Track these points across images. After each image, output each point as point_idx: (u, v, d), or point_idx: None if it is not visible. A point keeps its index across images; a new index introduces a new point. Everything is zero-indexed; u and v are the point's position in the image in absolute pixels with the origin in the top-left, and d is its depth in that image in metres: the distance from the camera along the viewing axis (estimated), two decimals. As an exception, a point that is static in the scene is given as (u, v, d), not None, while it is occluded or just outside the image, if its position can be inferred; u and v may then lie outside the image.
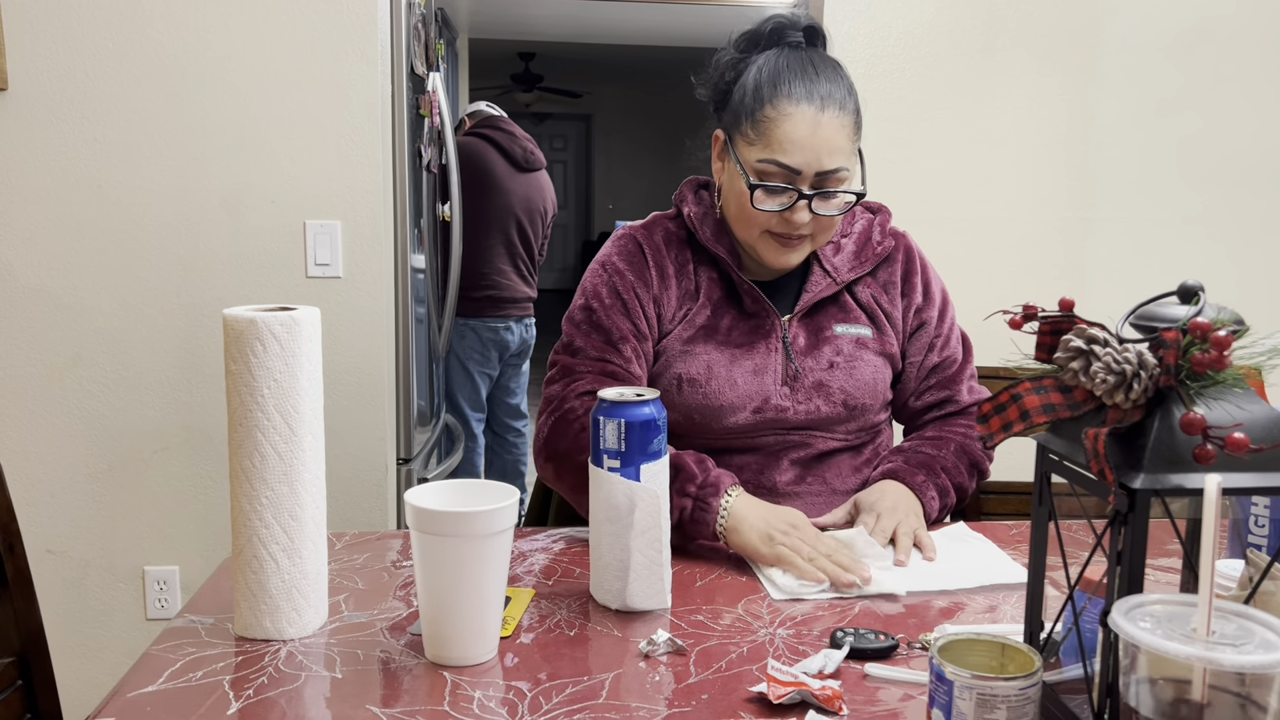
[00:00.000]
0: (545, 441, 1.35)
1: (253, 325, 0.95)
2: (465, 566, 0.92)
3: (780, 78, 1.33)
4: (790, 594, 1.12)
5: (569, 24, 7.13)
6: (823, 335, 1.42)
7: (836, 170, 1.32)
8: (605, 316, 1.40)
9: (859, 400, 1.41)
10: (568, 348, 1.41)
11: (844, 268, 1.44)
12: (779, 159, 1.31)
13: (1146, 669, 0.66)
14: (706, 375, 1.38)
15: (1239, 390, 0.73)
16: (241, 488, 0.98)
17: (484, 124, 3.71)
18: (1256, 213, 2.57)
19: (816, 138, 1.30)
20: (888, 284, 1.47)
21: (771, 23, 1.40)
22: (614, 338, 1.39)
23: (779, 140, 1.31)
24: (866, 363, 1.42)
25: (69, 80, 2.20)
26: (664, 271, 1.43)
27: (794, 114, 1.31)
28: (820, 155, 1.30)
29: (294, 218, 2.27)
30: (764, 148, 1.32)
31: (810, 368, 1.40)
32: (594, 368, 1.37)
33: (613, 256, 1.45)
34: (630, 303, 1.41)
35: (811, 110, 1.30)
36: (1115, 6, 2.47)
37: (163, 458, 2.31)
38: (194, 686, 0.90)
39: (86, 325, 2.27)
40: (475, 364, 3.69)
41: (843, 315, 1.44)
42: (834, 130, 1.31)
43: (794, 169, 1.31)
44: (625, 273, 1.42)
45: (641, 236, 1.45)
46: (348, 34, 2.23)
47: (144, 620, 2.35)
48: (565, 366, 1.40)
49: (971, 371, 1.51)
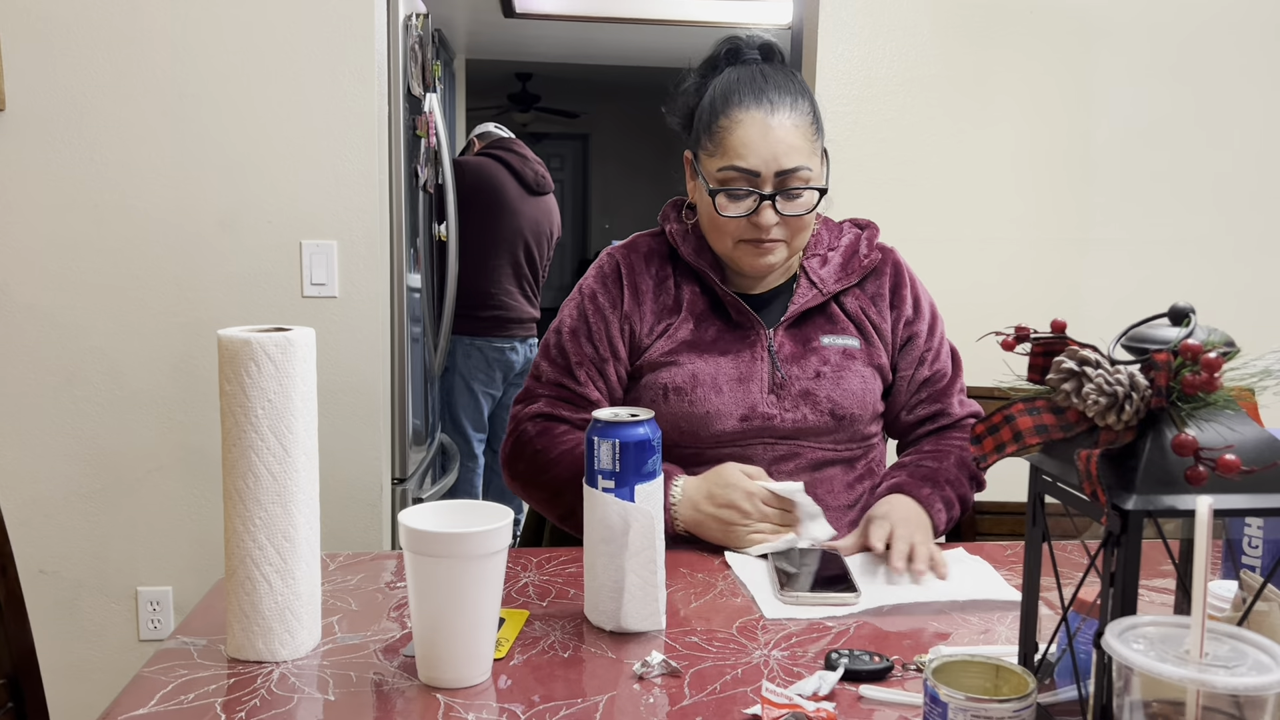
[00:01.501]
0: (506, 461, 1.45)
1: (247, 346, 0.96)
2: (459, 588, 0.92)
3: (731, 89, 1.40)
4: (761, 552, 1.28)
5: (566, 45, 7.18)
6: (809, 345, 1.44)
7: (796, 169, 1.36)
8: (570, 341, 1.46)
9: (847, 410, 1.42)
10: (533, 371, 1.49)
11: (830, 279, 1.47)
12: (736, 164, 1.36)
13: (1140, 691, 0.66)
14: (691, 383, 1.40)
15: (1230, 412, 0.73)
16: (235, 508, 0.98)
17: (496, 145, 3.75)
18: (1249, 234, 2.58)
19: (769, 139, 1.35)
20: (876, 296, 1.49)
21: (727, 45, 1.47)
22: (572, 363, 1.45)
23: (734, 146, 1.36)
24: (854, 373, 1.43)
25: (67, 100, 2.21)
26: (637, 288, 1.46)
27: (745, 120, 1.36)
28: (777, 155, 1.35)
29: (290, 237, 2.27)
30: (722, 156, 1.38)
31: (796, 376, 1.42)
32: (550, 391, 1.46)
33: (589, 280, 1.50)
34: (595, 327, 1.45)
35: (761, 114, 1.36)
36: (1108, 29, 2.49)
37: (157, 477, 2.30)
38: (186, 709, 0.89)
39: (82, 344, 2.27)
40: (480, 383, 3.70)
41: (830, 326, 1.46)
42: (787, 130, 1.36)
43: (752, 171, 1.36)
44: (597, 295, 1.47)
45: (620, 256, 1.50)
46: (345, 55, 2.24)
47: (137, 641, 2.34)
48: (527, 389, 1.49)
49: (961, 385, 1.53)
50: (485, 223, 3.59)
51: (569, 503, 1.35)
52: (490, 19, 6.01)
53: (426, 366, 2.94)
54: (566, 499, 1.36)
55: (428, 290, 2.93)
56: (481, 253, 3.61)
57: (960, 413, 1.50)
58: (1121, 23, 2.49)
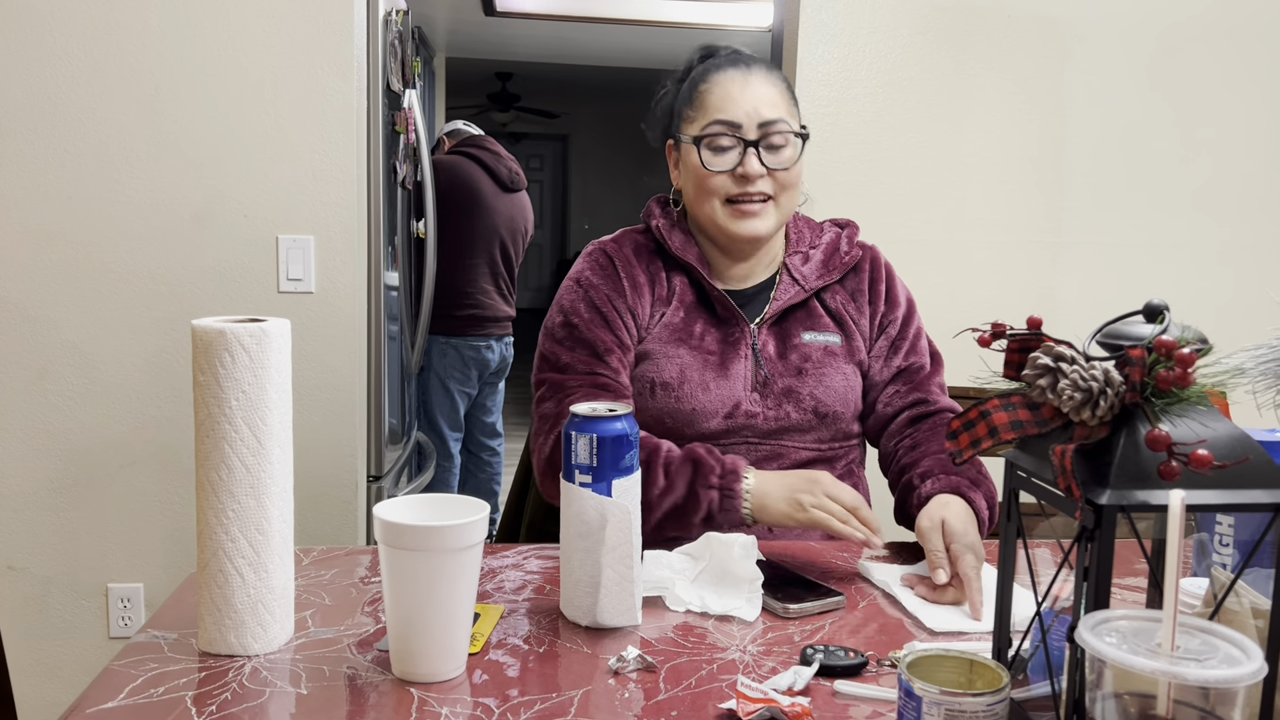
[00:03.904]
0: (549, 459, 1.37)
1: (221, 336, 0.95)
2: (434, 581, 0.91)
3: (710, 67, 1.46)
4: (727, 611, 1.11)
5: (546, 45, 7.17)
6: (791, 342, 1.44)
7: (776, 120, 1.40)
8: (588, 330, 1.42)
9: (830, 407, 1.42)
10: (554, 365, 1.42)
11: (812, 275, 1.48)
12: (718, 117, 1.40)
13: (1112, 684, 0.66)
14: (679, 379, 1.40)
15: (1203, 408, 0.74)
16: (208, 500, 0.97)
17: (468, 143, 3.72)
18: (1223, 238, 2.61)
19: (748, 92, 1.40)
20: (855, 292, 1.50)
21: (700, 52, 1.52)
22: (599, 350, 1.41)
23: (715, 103, 1.41)
24: (837, 370, 1.44)
25: (41, 91, 2.19)
26: (635, 280, 1.45)
27: (723, 79, 1.42)
28: (758, 106, 1.40)
29: (267, 232, 2.26)
30: (703, 115, 1.42)
31: (780, 373, 1.42)
32: (585, 381, 1.39)
33: (585, 271, 1.47)
34: (609, 315, 1.43)
35: (738, 74, 1.42)
36: (1084, 34, 2.51)
37: (129, 473, 2.28)
38: (156, 702, 0.88)
39: (54, 338, 2.24)
40: (455, 382, 3.69)
41: (811, 322, 1.46)
42: (765, 87, 1.42)
43: (734, 122, 1.39)
44: (600, 286, 1.44)
45: (611, 249, 1.48)
46: (323, 49, 2.23)
47: (107, 639, 2.31)
48: (555, 383, 1.40)
49: (941, 382, 1.51)
50: (461, 222, 3.58)
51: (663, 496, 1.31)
52: (470, 17, 6.00)
53: (404, 364, 2.93)
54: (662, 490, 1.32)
55: (405, 287, 2.91)
56: (457, 252, 3.59)
57: (943, 402, 1.47)
58: (1098, 28, 2.51)
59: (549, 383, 1.41)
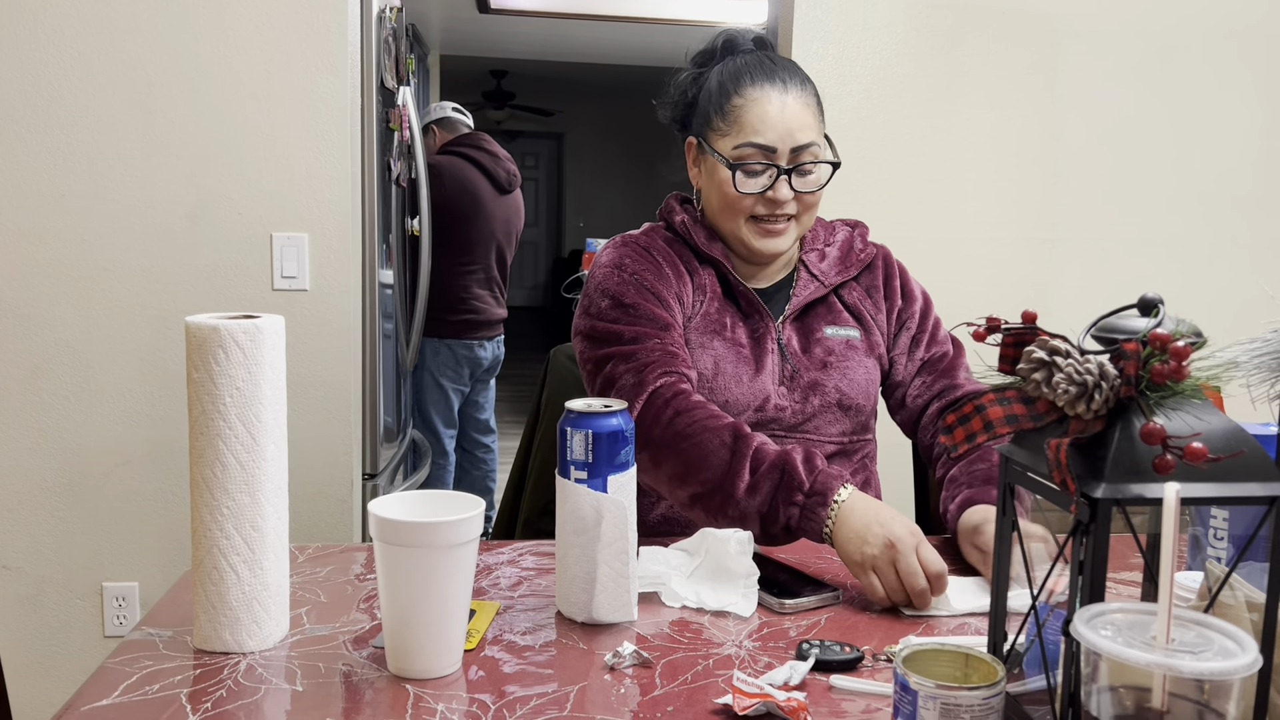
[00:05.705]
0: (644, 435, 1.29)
1: (216, 332, 0.94)
2: (429, 578, 0.91)
3: (742, 72, 1.42)
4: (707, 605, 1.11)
5: (541, 42, 7.16)
6: (813, 337, 1.45)
7: (809, 144, 1.39)
8: (645, 307, 1.39)
9: (853, 400, 1.44)
10: (617, 340, 1.37)
11: (830, 271, 1.49)
12: (753, 140, 1.38)
13: (1108, 677, 0.66)
14: (714, 372, 1.40)
15: (1197, 401, 0.74)
16: (202, 497, 0.97)
17: (465, 143, 3.66)
18: (1217, 234, 2.62)
19: (785, 115, 1.39)
20: (871, 289, 1.52)
21: (723, 37, 1.50)
22: (661, 324, 1.38)
23: (751, 123, 1.39)
24: (858, 363, 1.45)
25: (34, 88, 2.18)
26: (676, 269, 1.45)
27: (760, 98, 1.39)
28: (792, 131, 1.38)
29: (261, 230, 2.25)
30: (738, 134, 1.39)
31: (805, 367, 1.43)
32: (659, 348, 1.35)
33: (624, 259, 1.44)
34: (663, 293, 1.41)
35: (776, 92, 1.40)
36: (1078, 31, 2.51)
37: (123, 472, 2.27)
38: (150, 700, 0.88)
39: (47, 336, 2.23)
40: (449, 379, 3.69)
41: (831, 317, 1.48)
42: (800, 108, 1.40)
43: (769, 147, 1.38)
44: (644, 271, 1.42)
45: (644, 241, 1.48)
46: (317, 46, 2.22)
47: (102, 638, 2.31)
48: (625, 355, 1.35)
49: (966, 365, 1.51)
50: (459, 227, 3.56)
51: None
52: (465, 14, 5.99)
53: (399, 362, 2.92)
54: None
55: (400, 285, 2.91)
56: (454, 257, 3.59)
57: (969, 385, 1.47)
58: (1092, 25, 2.52)
59: (617, 356, 1.35)
